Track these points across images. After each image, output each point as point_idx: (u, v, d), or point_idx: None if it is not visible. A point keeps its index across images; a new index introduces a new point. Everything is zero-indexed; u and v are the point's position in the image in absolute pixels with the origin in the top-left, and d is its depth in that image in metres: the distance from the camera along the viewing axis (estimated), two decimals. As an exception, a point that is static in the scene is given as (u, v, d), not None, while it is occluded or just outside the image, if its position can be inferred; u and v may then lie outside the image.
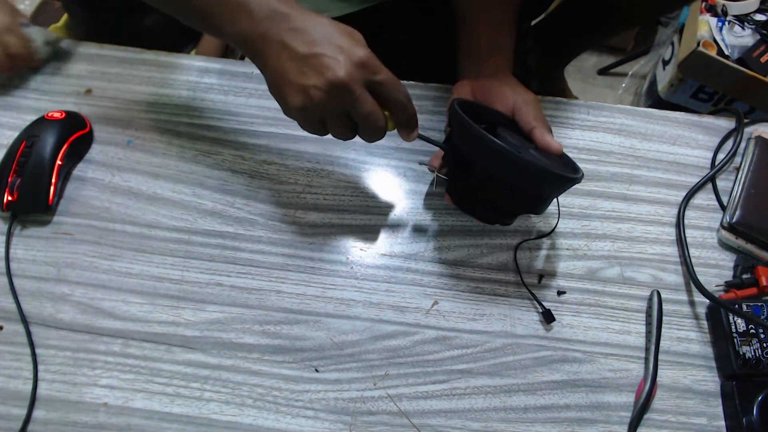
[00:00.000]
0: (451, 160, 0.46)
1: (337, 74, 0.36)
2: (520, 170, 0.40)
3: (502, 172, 0.41)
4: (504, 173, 0.41)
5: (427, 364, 0.45)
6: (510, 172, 0.41)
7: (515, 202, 0.44)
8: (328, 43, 0.37)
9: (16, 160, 0.48)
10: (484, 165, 0.42)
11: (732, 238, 0.50)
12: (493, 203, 0.45)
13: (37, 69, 0.56)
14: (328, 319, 0.46)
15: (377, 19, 0.62)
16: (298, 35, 0.37)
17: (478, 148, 0.41)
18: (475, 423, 0.43)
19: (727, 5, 1.07)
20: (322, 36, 0.37)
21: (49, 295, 0.46)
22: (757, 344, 0.45)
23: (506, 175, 0.41)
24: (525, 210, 0.46)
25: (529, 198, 0.43)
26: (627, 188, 0.53)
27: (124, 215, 0.50)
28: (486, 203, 0.45)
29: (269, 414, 0.43)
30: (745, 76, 1.00)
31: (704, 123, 0.57)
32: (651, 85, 1.22)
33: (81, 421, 0.42)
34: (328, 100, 0.37)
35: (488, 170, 0.42)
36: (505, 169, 0.41)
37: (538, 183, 0.42)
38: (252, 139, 0.54)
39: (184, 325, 0.45)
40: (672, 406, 0.44)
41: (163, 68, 0.57)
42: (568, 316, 0.47)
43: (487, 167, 0.42)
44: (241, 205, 0.50)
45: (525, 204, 0.44)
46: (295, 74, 0.37)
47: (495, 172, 0.42)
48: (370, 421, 0.43)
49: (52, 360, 0.44)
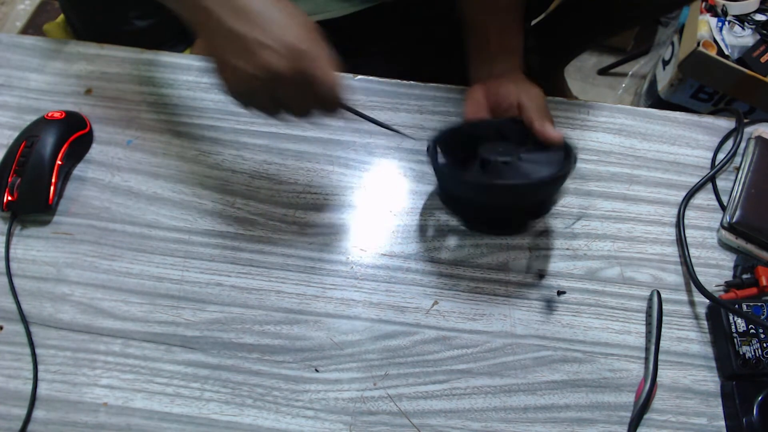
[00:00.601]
0: (443, 198, 0.47)
1: (271, 60, 0.35)
2: (493, 192, 0.41)
3: (480, 198, 0.42)
4: (483, 198, 0.42)
5: (427, 364, 0.45)
6: (487, 197, 0.42)
7: (516, 214, 0.45)
8: (269, 28, 0.35)
9: (16, 160, 0.48)
10: (466, 195, 0.43)
11: (732, 238, 0.50)
12: (498, 219, 0.45)
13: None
14: (328, 319, 0.46)
15: (377, 19, 0.62)
16: (241, 14, 0.36)
17: (452, 183, 0.43)
18: (475, 423, 0.43)
19: (727, 5, 1.07)
20: (267, 19, 0.36)
21: (49, 295, 0.46)
22: (757, 344, 0.45)
23: (487, 199, 0.42)
24: (531, 217, 0.46)
25: (524, 208, 0.44)
26: (627, 188, 0.53)
27: (124, 215, 0.50)
28: (493, 221, 0.46)
29: (269, 414, 0.43)
30: (745, 76, 1.00)
31: (704, 123, 0.57)
32: (651, 85, 1.22)
33: (81, 421, 0.42)
34: (257, 84, 0.36)
35: (471, 198, 0.43)
36: (482, 195, 0.42)
37: (518, 197, 0.42)
38: (252, 139, 0.54)
39: (184, 325, 0.45)
40: (672, 406, 0.44)
41: (163, 68, 0.57)
42: (568, 316, 0.47)
43: (468, 196, 0.43)
44: (241, 205, 0.50)
45: (527, 213, 0.44)
46: (228, 53, 0.36)
47: (477, 200, 0.42)
48: (370, 421, 0.43)
49: (52, 360, 0.44)
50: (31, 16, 0.99)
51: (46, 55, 0.57)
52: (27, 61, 0.57)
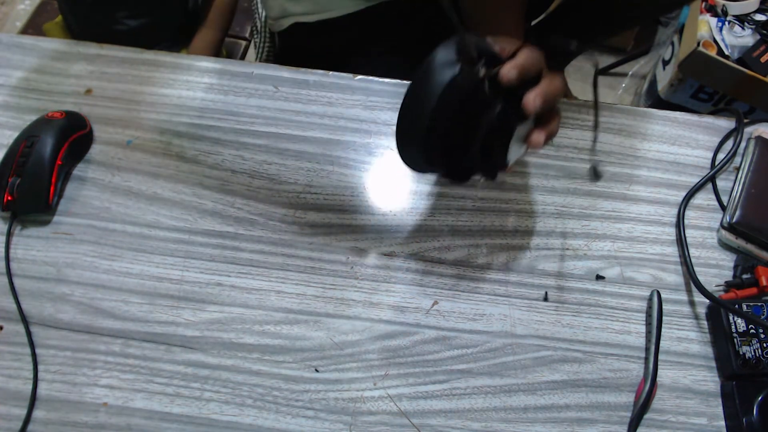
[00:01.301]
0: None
1: None
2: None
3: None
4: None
5: (427, 364, 0.45)
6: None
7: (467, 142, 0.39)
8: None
9: (15, 160, 0.48)
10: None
11: (732, 238, 0.50)
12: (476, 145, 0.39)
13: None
14: (328, 319, 0.46)
15: (378, 18, 0.62)
16: None
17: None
18: (475, 423, 0.43)
19: (727, 5, 1.07)
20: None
21: (49, 295, 0.46)
22: (757, 344, 0.45)
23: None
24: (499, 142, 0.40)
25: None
26: (627, 188, 0.53)
27: (124, 215, 0.50)
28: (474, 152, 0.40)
29: (269, 414, 0.43)
30: (745, 76, 1.00)
31: (704, 123, 0.57)
32: (651, 85, 1.22)
33: (81, 421, 0.42)
34: None
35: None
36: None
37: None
38: (252, 139, 0.54)
39: (184, 325, 0.45)
40: (672, 406, 0.44)
41: (163, 68, 0.57)
42: (568, 316, 0.47)
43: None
44: (241, 205, 0.50)
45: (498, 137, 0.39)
46: None
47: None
48: (370, 421, 0.43)
49: (52, 360, 0.44)
50: (31, 16, 0.99)
51: (46, 55, 0.57)
52: (27, 61, 0.56)
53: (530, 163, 0.54)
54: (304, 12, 0.65)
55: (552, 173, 0.53)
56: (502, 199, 0.52)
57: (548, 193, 0.52)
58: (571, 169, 0.54)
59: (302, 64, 0.57)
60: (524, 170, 0.53)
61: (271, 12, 0.69)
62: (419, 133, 0.39)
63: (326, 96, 0.56)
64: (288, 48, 0.73)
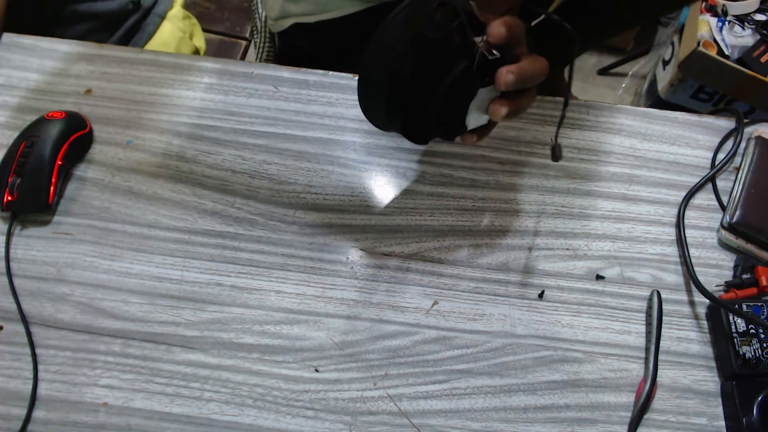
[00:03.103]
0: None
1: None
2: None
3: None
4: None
5: (427, 364, 0.45)
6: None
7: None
8: None
9: (16, 160, 0.48)
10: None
11: (732, 238, 0.50)
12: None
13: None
14: (328, 319, 0.46)
15: (378, 19, 0.62)
16: None
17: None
18: (475, 423, 0.43)
19: (727, 5, 1.07)
20: None
21: (49, 295, 0.46)
22: (757, 344, 0.45)
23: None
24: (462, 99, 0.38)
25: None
26: (627, 188, 0.53)
27: (124, 215, 0.50)
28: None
29: (269, 414, 0.43)
30: (745, 76, 1.00)
31: (704, 123, 0.57)
32: (651, 85, 1.22)
33: (81, 421, 0.42)
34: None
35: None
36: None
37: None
38: (252, 139, 0.54)
39: (184, 325, 0.45)
40: (672, 406, 0.44)
41: (163, 68, 0.57)
42: (568, 316, 0.47)
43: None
44: (241, 205, 0.51)
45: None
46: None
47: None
48: (370, 421, 0.43)
49: (52, 360, 0.44)
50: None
51: (46, 55, 0.57)
52: (27, 61, 0.57)
53: (530, 163, 0.54)
54: (304, 12, 0.65)
55: (552, 173, 0.53)
56: (502, 199, 0.52)
57: (548, 193, 0.52)
58: (572, 169, 0.54)
59: (302, 65, 0.57)
60: (524, 170, 0.53)
61: (271, 13, 0.69)
62: (379, 84, 0.37)
63: (326, 96, 0.56)
64: (288, 48, 0.74)
